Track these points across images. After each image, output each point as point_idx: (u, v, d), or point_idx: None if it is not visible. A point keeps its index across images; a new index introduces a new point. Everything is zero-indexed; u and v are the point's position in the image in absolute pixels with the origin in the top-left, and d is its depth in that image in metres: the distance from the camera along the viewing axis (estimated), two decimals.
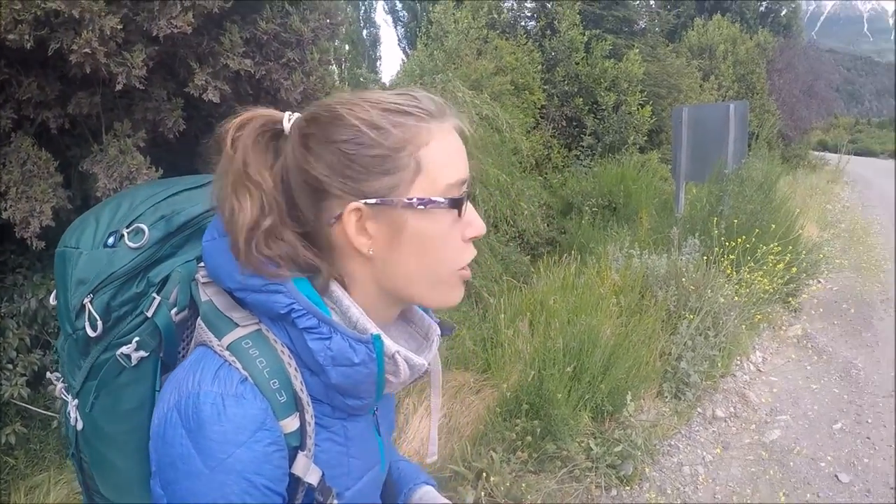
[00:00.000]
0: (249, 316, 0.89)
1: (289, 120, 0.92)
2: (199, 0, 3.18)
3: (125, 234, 0.96)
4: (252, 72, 3.62)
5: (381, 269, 0.92)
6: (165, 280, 0.96)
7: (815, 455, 4.46)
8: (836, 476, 4.23)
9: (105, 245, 0.96)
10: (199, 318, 0.92)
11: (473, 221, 0.94)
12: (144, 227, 0.97)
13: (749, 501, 3.91)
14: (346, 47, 14.15)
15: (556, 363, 4.05)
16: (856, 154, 44.14)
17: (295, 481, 0.87)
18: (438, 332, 1.08)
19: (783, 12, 26.09)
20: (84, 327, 0.93)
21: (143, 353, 0.92)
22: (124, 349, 0.92)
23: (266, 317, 0.89)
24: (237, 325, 0.88)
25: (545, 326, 4.64)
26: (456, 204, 0.90)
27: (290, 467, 0.85)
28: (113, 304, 0.94)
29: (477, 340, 4.76)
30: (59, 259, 0.99)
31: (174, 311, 0.94)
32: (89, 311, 0.93)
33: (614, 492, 3.82)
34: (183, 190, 1.06)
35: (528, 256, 6.75)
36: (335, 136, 0.87)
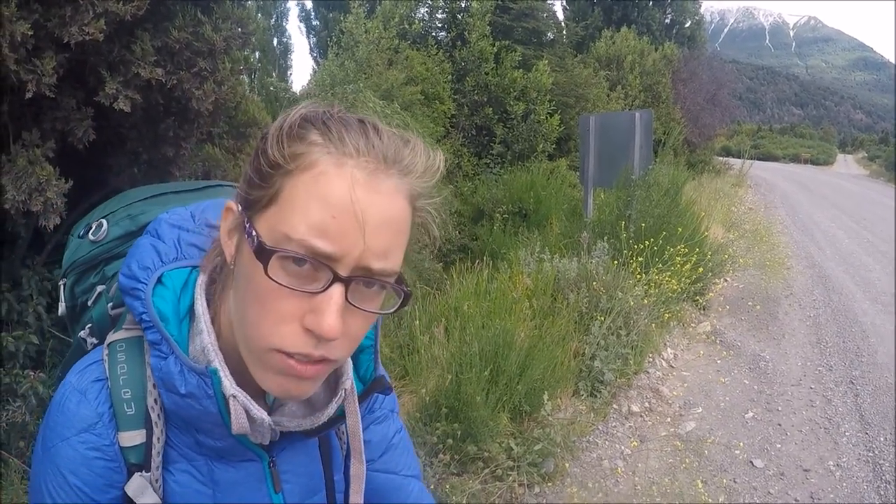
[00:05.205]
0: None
1: None
2: (111, 6, 3.04)
3: (93, 227, 1.00)
4: (163, 81, 3.47)
5: (232, 291, 0.80)
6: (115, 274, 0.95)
7: (730, 443, 4.59)
8: (750, 462, 4.38)
9: (78, 235, 1.02)
10: None
11: (319, 310, 0.70)
12: (105, 222, 1.00)
13: (668, 490, 3.98)
14: (257, 55, 13.94)
15: (472, 367, 4.04)
16: (758, 159, 46.34)
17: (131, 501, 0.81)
18: (348, 386, 0.90)
19: (687, 24, 27.03)
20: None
21: (94, 340, 0.95)
22: (81, 333, 0.96)
23: None
24: (122, 328, 0.86)
25: (460, 331, 4.63)
26: (263, 255, 0.70)
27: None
28: (77, 290, 1.00)
29: (393, 347, 4.72)
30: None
31: (110, 304, 0.93)
32: (61, 291, 1.02)
33: (537, 489, 3.84)
34: (168, 192, 1.07)
35: (441, 264, 6.75)
36: (265, 130, 0.77)
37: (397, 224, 0.73)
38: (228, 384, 0.78)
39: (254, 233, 0.72)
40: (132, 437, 0.80)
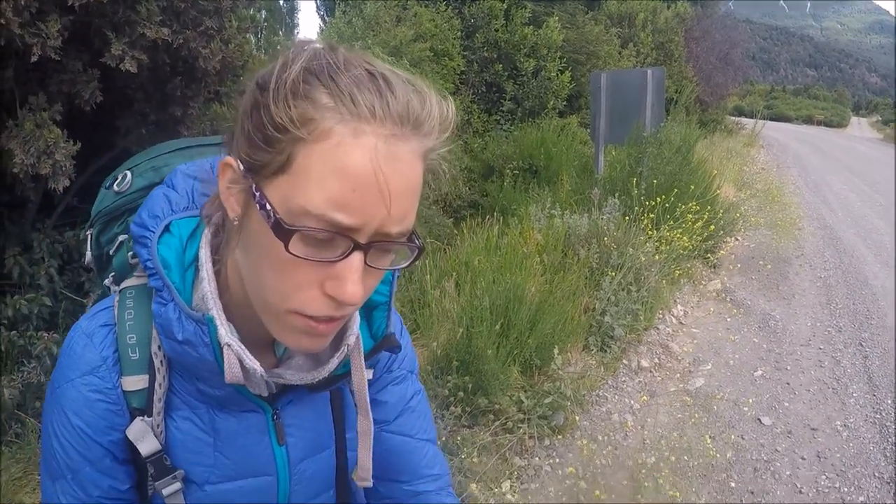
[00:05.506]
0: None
1: None
2: None
3: (118, 179, 1.01)
4: (170, 41, 3.46)
5: (239, 249, 0.78)
6: None
7: (738, 400, 4.62)
8: (758, 419, 4.40)
9: (105, 186, 1.03)
10: None
11: (340, 277, 0.69)
12: (129, 174, 1.01)
13: (676, 445, 4.01)
14: (263, 14, 13.81)
15: (483, 321, 4.05)
16: (771, 119, 46.04)
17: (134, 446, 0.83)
18: (352, 342, 0.87)
19: None
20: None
21: (116, 287, 0.93)
22: (106, 281, 0.97)
23: None
24: (133, 275, 0.89)
25: (471, 286, 4.64)
26: (282, 233, 0.67)
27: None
28: (102, 240, 1.01)
29: (404, 302, 4.75)
30: None
31: (130, 253, 0.93)
32: (88, 241, 1.03)
33: (547, 441, 3.89)
34: (194, 146, 1.06)
35: (451, 219, 6.73)
36: (260, 77, 0.71)
37: (415, 187, 0.71)
38: (224, 332, 0.78)
39: (268, 206, 0.68)
40: (135, 382, 0.82)
